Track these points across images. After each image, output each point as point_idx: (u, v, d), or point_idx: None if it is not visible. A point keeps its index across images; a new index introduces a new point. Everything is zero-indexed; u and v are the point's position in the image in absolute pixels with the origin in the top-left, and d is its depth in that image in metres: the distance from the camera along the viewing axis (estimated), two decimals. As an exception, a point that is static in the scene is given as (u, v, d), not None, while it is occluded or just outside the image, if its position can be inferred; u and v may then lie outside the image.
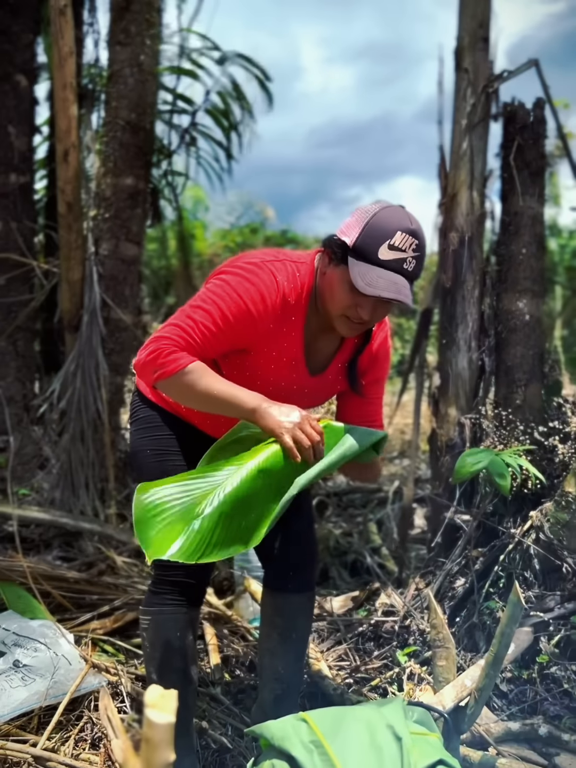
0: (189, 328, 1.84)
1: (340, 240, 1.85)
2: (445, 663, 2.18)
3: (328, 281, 1.89)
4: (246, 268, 1.89)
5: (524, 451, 2.93)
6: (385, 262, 1.78)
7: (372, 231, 1.79)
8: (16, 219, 4.65)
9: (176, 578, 2.01)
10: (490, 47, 3.45)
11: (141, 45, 4.49)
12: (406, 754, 1.50)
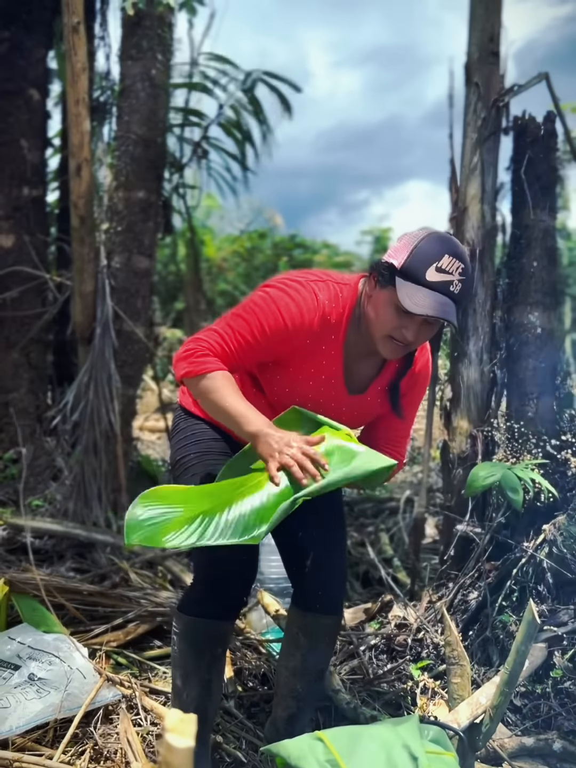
0: (226, 335, 1.92)
1: (387, 263, 1.90)
2: (460, 680, 2.18)
3: (374, 303, 1.94)
4: (289, 284, 1.95)
5: (536, 464, 2.93)
6: (433, 284, 1.82)
7: (420, 253, 1.84)
8: (28, 232, 4.69)
9: (219, 584, 2.00)
10: (501, 61, 3.46)
11: (152, 60, 4.53)
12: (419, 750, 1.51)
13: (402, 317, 1.88)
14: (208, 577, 2.01)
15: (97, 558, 3.95)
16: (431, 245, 1.85)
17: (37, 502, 4.31)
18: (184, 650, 2.05)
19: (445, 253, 1.84)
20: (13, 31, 4.63)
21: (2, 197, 4.68)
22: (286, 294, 1.93)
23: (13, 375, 4.70)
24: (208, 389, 1.88)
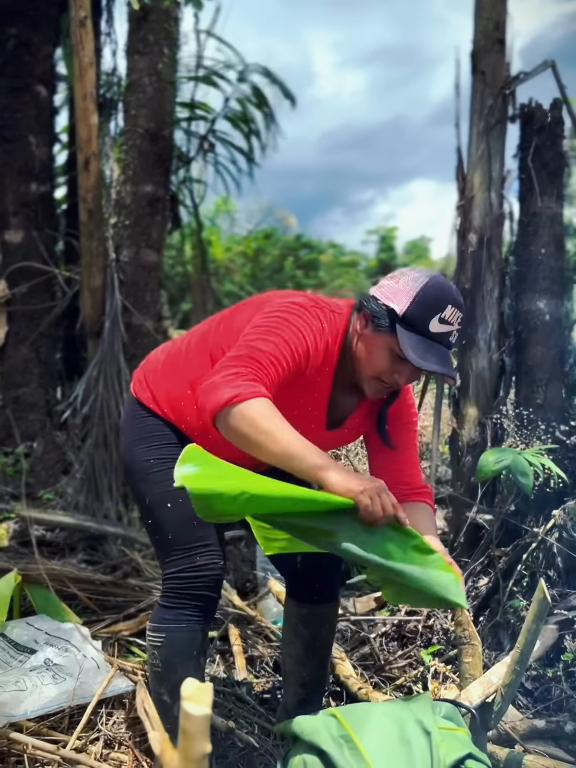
0: (265, 361, 1.73)
1: (386, 306, 1.83)
2: (471, 660, 2.19)
3: (367, 345, 1.88)
4: (297, 309, 1.85)
5: (546, 450, 2.94)
6: (435, 335, 1.79)
7: (423, 302, 1.79)
8: (37, 227, 4.72)
9: (192, 591, 1.94)
10: (506, 49, 3.46)
11: (159, 54, 4.55)
12: (435, 748, 1.51)
13: (396, 363, 1.84)
14: (181, 586, 1.96)
15: (108, 549, 3.97)
16: (434, 294, 1.80)
17: (48, 496, 4.33)
18: (168, 662, 1.95)
19: (448, 303, 1.80)
20: (20, 27, 4.66)
21: (11, 193, 4.72)
22: (301, 318, 1.83)
23: (23, 370, 4.73)
24: (257, 416, 1.63)
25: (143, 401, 2.08)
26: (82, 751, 2.28)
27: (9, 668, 2.46)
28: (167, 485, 1.93)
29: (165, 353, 2.14)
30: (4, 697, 2.25)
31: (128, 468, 2.11)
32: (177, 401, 2.02)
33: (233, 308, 2.08)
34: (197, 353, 2.02)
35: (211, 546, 1.96)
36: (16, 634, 2.67)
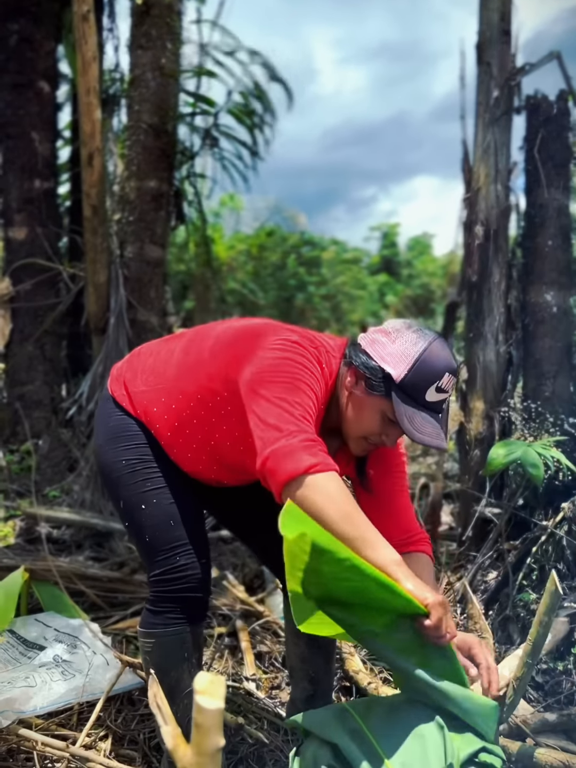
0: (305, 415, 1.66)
1: (381, 369, 1.76)
2: (483, 653, 2.18)
3: (357, 404, 1.82)
4: (298, 349, 1.77)
5: (555, 442, 2.92)
6: (430, 404, 1.75)
7: (422, 371, 1.73)
8: (41, 224, 4.71)
9: (177, 593, 1.91)
10: (512, 40, 3.44)
11: (162, 48, 4.53)
12: (448, 741, 1.50)
13: (386, 426, 1.79)
14: (165, 588, 1.93)
15: (114, 546, 3.96)
16: (433, 361, 1.73)
17: (54, 493, 4.32)
18: (161, 666, 1.93)
19: (446, 370, 1.73)
20: (22, 23, 4.64)
21: (14, 190, 4.71)
22: (306, 359, 1.76)
23: (27, 367, 4.72)
24: (339, 493, 1.56)
25: (117, 399, 2.03)
26: (91, 747, 2.27)
27: (18, 665, 2.46)
28: (140, 487, 1.94)
29: (150, 355, 2.07)
30: (13, 693, 2.25)
31: (101, 468, 2.07)
32: (151, 405, 1.97)
33: (226, 332, 1.96)
34: (182, 367, 1.95)
35: (191, 545, 1.93)
36: (24, 631, 2.67)
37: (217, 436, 1.92)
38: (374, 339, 1.82)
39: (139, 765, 2.21)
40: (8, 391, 4.78)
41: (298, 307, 19.19)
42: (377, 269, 25.70)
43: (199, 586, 1.95)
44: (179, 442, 1.97)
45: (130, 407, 2.00)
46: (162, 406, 1.95)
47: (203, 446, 1.95)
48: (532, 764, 2.05)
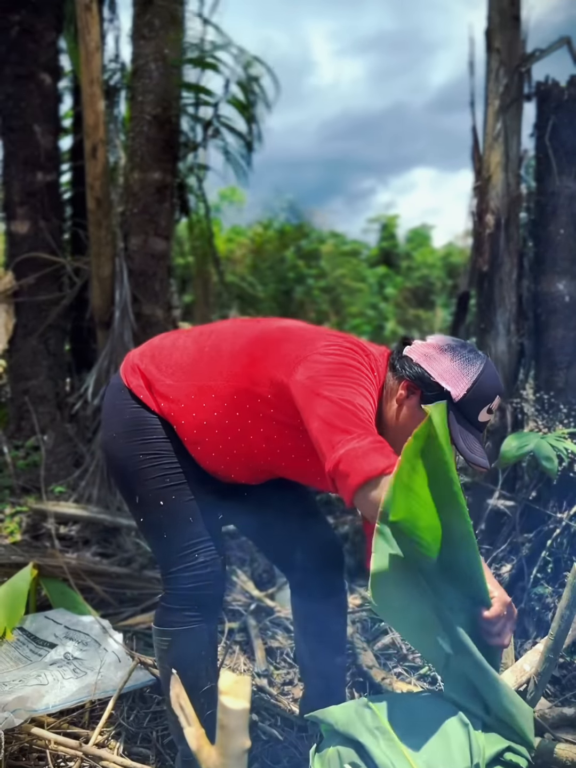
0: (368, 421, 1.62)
1: (438, 385, 1.74)
2: (503, 648, 2.15)
3: (408, 417, 1.79)
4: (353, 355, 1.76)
5: (569, 434, 2.89)
6: (480, 424, 1.76)
7: (479, 391, 1.73)
8: (44, 217, 4.66)
9: (195, 591, 1.89)
10: (522, 26, 3.40)
11: (165, 38, 4.48)
12: (474, 740, 1.47)
13: None
14: (183, 586, 1.90)
15: (122, 542, 3.93)
16: (489, 383, 1.74)
17: (60, 489, 4.29)
18: (177, 665, 1.88)
19: (497, 393, 1.75)
20: (23, 14, 4.59)
21: (16, 183, 4.66)
22: (361, 364, 1.75)
23: (31, 362, 4.68)
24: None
25: (134, 390, 1.97)
26: (104, 746, 2.25)
27: (29, 662, 2.43)
28: (159, 482, 1.90)
29: (175, 349, 2.00)
30: (25, 692, 2.22)
31: (114, 462, 2.01)
32: (178, 401, 1.91)
33: (267, 334, 1.91)
34: (215, 366, 1.89)
35: (209, 542, 1.90)
36: (35, 628, 2.65)
37: (251, 438, 1.88)
38: (428, 354, 1.79)
39: (153, 763, 2.19)
40: (12, 387, 4.74)
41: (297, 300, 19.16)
42: (376, 261, 25.62)
43: (217, 583, 1.92)
44: (205, 440, 1.92)
45: (151, 401, 1.95)
46: (191, 403, 1.89)
47: (232, 446, 1.91)
48: (552, 760, 2.02)
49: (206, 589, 1.89)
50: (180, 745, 2.01)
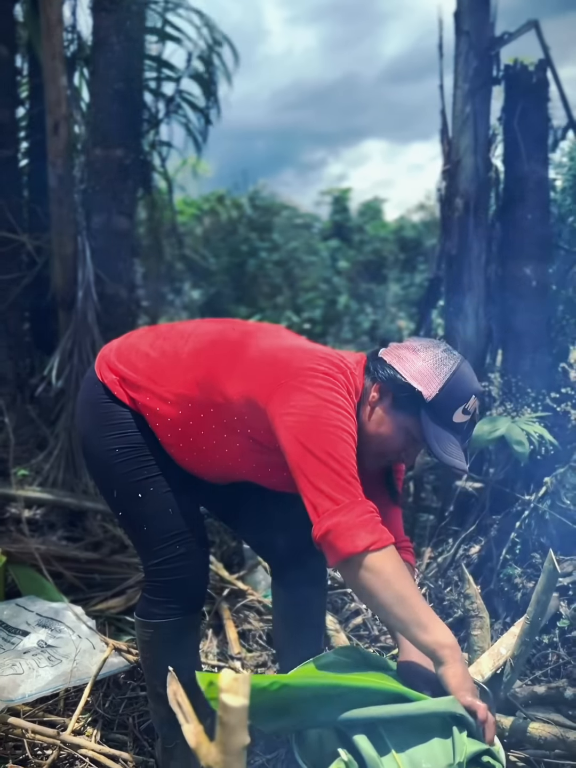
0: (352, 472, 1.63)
1: (410, 386, 1.73)
2: (480, 632, 2.19)
3: (380, 421, 1.78)
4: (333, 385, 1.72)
5: (537, 417, 2.93)
6: (456, 425, 1.73)
7: (452, 391, 1.71)
8: (2, 194, 4.54)
9: (177, 583, 1.88)
10: (491, 8, 3.39)
11: (126, 10, 4.36)
12: (457, 738, 1.49)
13: (408, 443, 1.78)
14: (165, 578, 1.89)
15: (88, 526, 3.89)
16: (462, 381, 1.73)
17: (24, 472, 4.22)
18: (160, 656, 1.91)
19: (472, 393, 1.73)
20: (-23, -17, 4.44)
21: (-28, 158, 4.53)
22: (340, 395, 1.70)
23: (-9, 342, 4.59)
24: (397, 569, 1.57)
25: (108, 385, 1.94)
26: (81, 733, 2.25)
27: (2, 651, 2.40)
28: (136, 475, 1.88)
29: (152, 349, 1.96)
30: (1, 681, 2.20)
31: (91, 457, 2.00)
32: (153, 404, 1.89)
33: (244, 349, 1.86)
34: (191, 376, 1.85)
35: (189, 533, 1.89)
36: (6, 616, 2.61)
37: (226, 451, 1.87)
38: (401, 355, 1.79)
39: (131, 750, 2.19)
40: (-29, 367, 4.64)
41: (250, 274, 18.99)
42: (329, 234, 25.56)
43: (200, 574, 1.93)
44: (180, 446, 1.91)
45: (125, 397, 1.92)
46: (166, 408, 1.87)
47: (206, 456, 1.90)
48: (526, 738, 2.08)
49: (189, 581, 1.89)
50: (161, 731, 2.01)
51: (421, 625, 1.55)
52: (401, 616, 1.56)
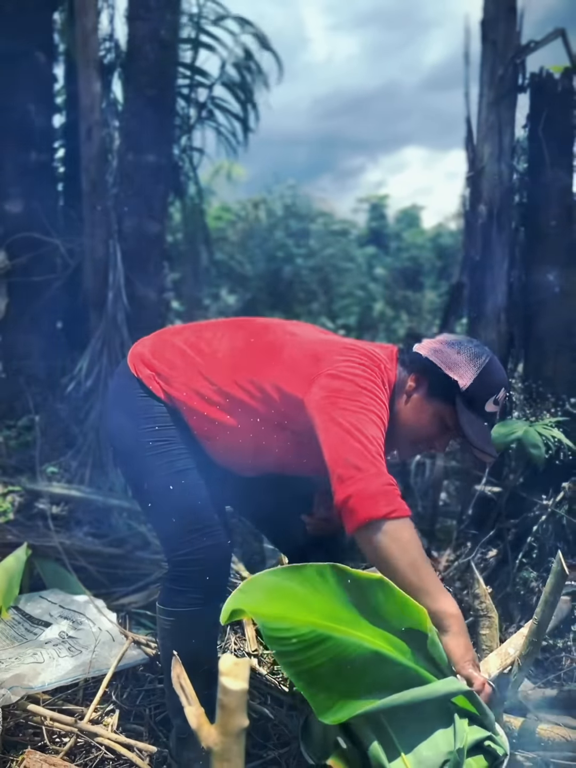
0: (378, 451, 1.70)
1: (446, 376, 1.84)
2: (489, 631, 2.21)
3: (417, 409, 1.89)
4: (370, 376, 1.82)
5: (556, 422, 2.94)
6: (488, 415, 1.85)
7: (485, 381, 1.84)
8: (37, 197, 4.65)
9: (202, 573, 1.93)
10: (517, 17, 3.41)
11: (161, 19, 4.45)
12: (458, 725, 1.52)
13: (441, 431, 1.89)
14: (190, 569, 1.94)
15: (114, 523, 3.97)
16: (494, 373, 1.85)
17: (53, 469, 4.32)
18: (180, 644, 1.89)
19: (502, 385, 1.86)
20: (17, -8, 4.55)
21: (10, 163, 4.64)
22: (374, 384, 1.81)
23: (24, 342, 4.69)
24: (411, 543, 1.64)
25: (144, 380, 2.02)
26: (98, 722, 2.30)
27: (25, 641, 2.48)
28: (168, 468, 1.95)
29: (188, 346, 2.04)
30: (22, 669, 2.27)
31: (123, 448, 2.08)
32: (191, 399, 1.97)
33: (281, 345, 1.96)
34: (228, 372, 1.95)
35: (216, 526, 1.95)
36: (30, 608, 2.69)
37: (263, 443, 1.95)
38: (436, 348, 1.90)
39: (146, 740, 2.24)
40: (5, 366, 4.74)
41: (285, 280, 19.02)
42: (366, 241, 25.52)
43: (223, 567, 1.99)
44: (216, 439, 1.99)
45: (160, 392, 2.00)
46: (204, 404, 1.96)
47: (243, 448, 1.98)
48: (535, 739, 2.10)
49: (212, 572, 1.94)
50: (175, 721, 2.06)
51: (430, 593, 1.63)
52: (413, 582, 1.62)
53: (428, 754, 1.48)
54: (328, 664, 1.46)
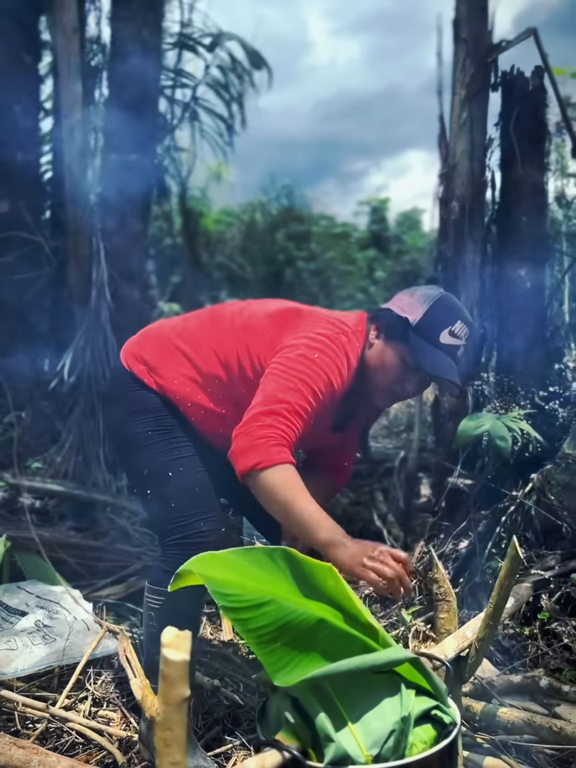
0: (293, 417, 1.81)
1: (398, 316, 1.93)
2: (447, 615, 2.26)
3: (380, 355, 1.97)
4: (326, 345, 1.90)
5: (525, 415, 2.99)
6: (444, 346, 1.89)
7: (436, 314, 1.91)
8: (23, 197, 4.69)
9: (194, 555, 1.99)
10: (489, 17, 3.46)
11: (143, 21, 4.50)
12: (405, 695, 1.56)
13: (407, 372, 1.94)
14: (185, 552, 1.94)
15: (97, 517, 4.01)
16: (445, 307, 1.92)
17: (37, 464, 4.37)
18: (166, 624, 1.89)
19: (458, 318, 1.91)
20: (2, -6, 4.60)
21: (-5, 163, 4.68)
22: (327, 356, 1.88)
23: (9, 339, 4.73)
24: (279, 483, 1.75)
25: (138, 373, 2.09)
26: (71, 709, 2.34)
27: (0, 629, 2.52)
28: (168, 455, 2.02)
29: (177, 335, 2.12)
30: (-6, 656, 2.31)
31: (122, 440, 2.14)
32: (183, 387, 2.06)
33: (257, 314, 2.08)
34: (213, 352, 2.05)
35: (213, 512, 2.01)
36: (7, 598, 2.73)
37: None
38: (396, 298, 2.02)
39: (118, 725, 2.28)
40: (-9, 364, 4.79)
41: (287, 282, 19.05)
42: (366, 244, 25.53)
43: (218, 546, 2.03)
44: (210, 422, 2.08)
45: (153, 384, 2.08)
46: (195, 388, 2.06)
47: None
48: (495, 723, 2.14)
49: None
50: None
51: (307, 527, 1.73)
52: (290, 519, 1.77)
53: (376, 723, 1.50)
54: (274, 625, 1.50)
